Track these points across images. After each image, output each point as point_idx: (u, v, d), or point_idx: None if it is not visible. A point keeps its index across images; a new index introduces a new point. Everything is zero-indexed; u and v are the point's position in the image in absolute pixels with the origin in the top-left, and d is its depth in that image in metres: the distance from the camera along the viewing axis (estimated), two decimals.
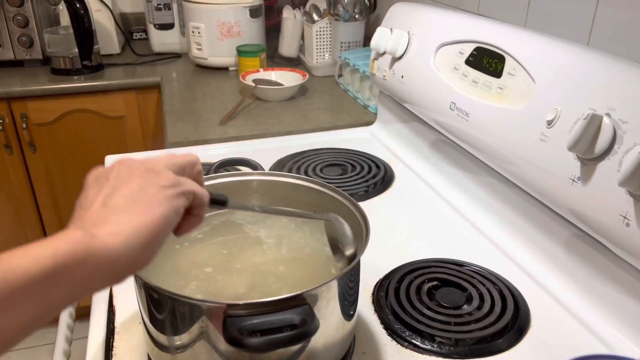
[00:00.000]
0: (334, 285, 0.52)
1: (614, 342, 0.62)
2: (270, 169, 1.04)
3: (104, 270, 0.35)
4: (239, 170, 0.95)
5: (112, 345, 0.61)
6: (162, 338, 0.52)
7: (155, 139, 1.73)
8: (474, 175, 0.90)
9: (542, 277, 0.73)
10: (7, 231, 1.73)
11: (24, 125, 1.57)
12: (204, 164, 1.03)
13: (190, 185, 0.42)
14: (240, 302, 0.46)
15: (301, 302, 0.47)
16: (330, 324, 0.53)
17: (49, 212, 1.74)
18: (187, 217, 0.43)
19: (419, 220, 0.89)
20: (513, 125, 0.73)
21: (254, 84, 1.39)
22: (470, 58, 0.84)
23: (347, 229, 0.57)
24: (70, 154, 1.67)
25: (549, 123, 0.66)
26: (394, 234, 0.85)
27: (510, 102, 0.74)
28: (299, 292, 0.47)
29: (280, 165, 1.05)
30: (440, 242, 0.83)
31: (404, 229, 0.87)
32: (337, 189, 0.65)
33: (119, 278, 0.37)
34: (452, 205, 0.92)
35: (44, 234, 1.78)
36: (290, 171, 1.02)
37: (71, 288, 0.33)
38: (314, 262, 0.63)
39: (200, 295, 0.56)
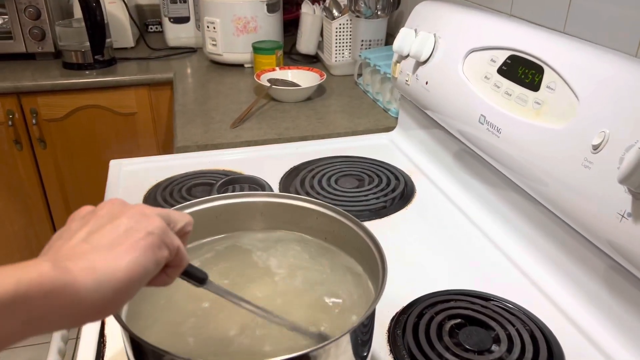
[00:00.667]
0: (345, 339, 0.45)
1: None
2: (282, 178, 0.98)
3: (66, 307, 0.32)
4: (243, 188, 0.90)
5: None
6: None
7: (168, 137, 1.68)
8: (503, 194, 0.82)
9: (576, 314, 0.66)
10: (17, 226, 1.70)
11: (34, 121, 1.53)
12: (210, 172, 0.96)
13: (177, 240, 0.38)
14: None
15: None
16: None
17: (59, 208, 1.71)
18: (159, 273, 0.39)
19: (441, 242, 0.82)
20: (552, 146, 0.65)
21: (269, 84, 1.32)
22: (503, 67, 0.76)
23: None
24: (80, 150, 1.63)
25: (595, 148, 0.58)
26: (414, 258, 0.78)
27: (549, 119, 0.66)
28: (301, 353, 0.41)
29: (294, 175, 0.99)
30: (465, 269, 0.75)
31: (425, 253, 0.79)
32: (353, 217, 0.58)
33: (79, 320, 0.33)
34: (478, 227, 0.84)
35: (54, 229, 1.75)
36: (303, 181, 0.96)
37: (25, 320, 0.30)
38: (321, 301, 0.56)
39: (192, 340, 0.49)
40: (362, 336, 0.50)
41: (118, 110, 1.60)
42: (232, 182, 0.85)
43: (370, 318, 0.51)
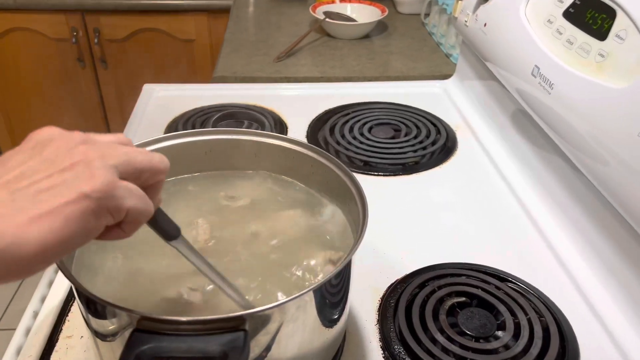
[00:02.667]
0: (305, 298, 0.39)
1: None
2: (312, 121, 0.91)
3: None
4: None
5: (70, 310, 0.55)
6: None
7: None
8: (554, 166, 0.71)
9: (611, 317, 0.56)
10: None
11: (96, 40, 1.55)
12: (238, 107, 0.91)
13: (126, 201, 0.30)
14: (156, 317, 0.35)
15: (236, 326, 0.36)
16: (299, 332, 0.42)
17: (118, 129, 1.75)
18: (112, 227, 0.31)
19: (472, 209, 0.72)
20: (609, 109, 0.53)
21: (322, 17, 1.23)
22: (570, 9, 0.63)
23: None
24: (139, 73, 1.64)
25: None
26: (437, 222, 0.70)
27: (612, 76, 0.54)
28: (235, 314, 0.36)
29: (325, 119, 0.91)
30: (491, 242, 0.66)
31: (451, 218, 0.71)
32: (331, 156, 0.52)
33: None
34: (518, 198, 0.74)
35: None
36: (333, 128, 0.88)
37: None
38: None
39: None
40: (330, 305, 0.45)
41: (177, 36, 1.58)
42: (230, 116, 0.81)
43: (342, 276, 0.45)
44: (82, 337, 0.51)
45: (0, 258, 0.26)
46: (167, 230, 0.37)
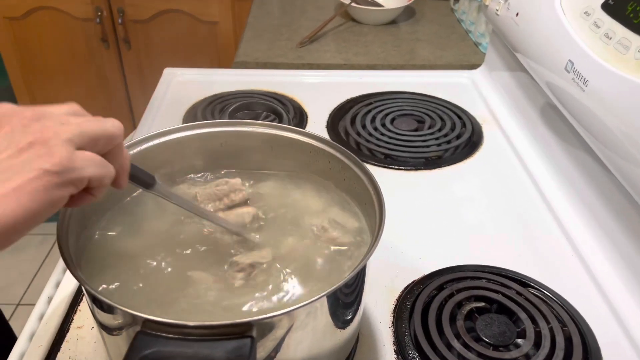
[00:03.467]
0: (316, 304, 0.38)
1: None
2: (333, 110, 0.89)
3: None
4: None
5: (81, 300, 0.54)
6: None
7: None
8: (585, 167, 0.67)
9: (637, 329, 0.53)
10: None
11: (120, 20, 1.54)
12: (258, 94, 0.90)
13: (85, 170, 0.32)
14: (161, 320, 0.34)
15: (243, 332, 0.34)
16: (309, 336, 0.41)
17: (141, 110, 1.75)
18: (81, 193, 0.34)
19: (496, 208, 0.70)
20: None
21: (347, 1, 1.20)
22: (610, 1, 0.59)
23: None
24: (162, 55, 1.63)
25: None
26: (458, 221, 0.67)
27: None
28: (242, 321, 0.34)
29: (347, 108, 0.89)
30: (514, 244, 0.64)
31: (472, 217, 0.68)
32: (349, 152, 0.50)
33: None
34: (546, 199, 0.71)
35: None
36: (355, 118, 0.86)
37: None
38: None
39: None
40: (343, 307, 0.43)
41: (200, 18, 1.57)
42: (247, 107, 0.79)
43: (356, 280, 0.43)
44: (92, 328, 0.51)
45: None
46: (144, 180, 0.41)
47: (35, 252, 1.81)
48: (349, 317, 0.45)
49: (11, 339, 0.72)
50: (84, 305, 0.54)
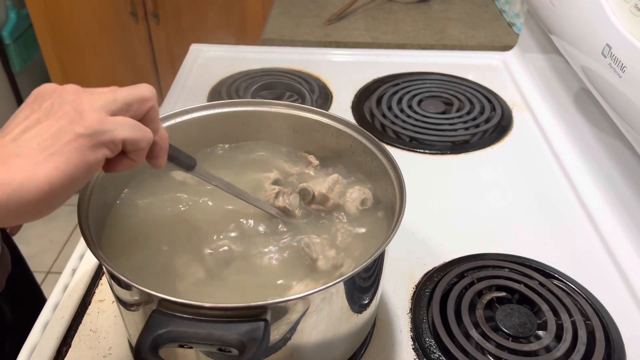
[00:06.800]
0: (332, 290, 0.38)
1: None
2: (359, 91, 0.87)
3: None
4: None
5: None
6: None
7: None
8: (618, 156, 0.65)
9: None
10: None
11: None
12: (283, 72, 0.88)
13: (119, 132, 0.34)
14: (176, 300, 0.34)
15: (258, 315, 0.34)
16: (324, 320, 0.41)
17: (169, 85, 1.76)
18: (120, 158, 0.35)
19: (522, 196, 0.68)
20: None
21: None
22: None
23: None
24: (191, 30, 1.62)
25: None
26: (483, 207, 0.66)
27: None
28: (257, 304, 0.34)
29: (373, 89, 0.87)
30: (539, 233, 0.62)
31: (499, 204, 0.67)
32: (371, 135, 0.49)
33: None
34: (575, 188, 0.68)
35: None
36: (380, 99, 0.84)
37: None
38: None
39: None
40: (361, 291, 0.43)
41: None
42: (270, 87, 0.79)
43: (374, 267, 0.43)
44: (113, 302, 0.52)
45: (13, 199, 0.30)
46: (185, 162, 0.42)
47: (65, 222, 1.85)
48: (366, 302, 0.45)
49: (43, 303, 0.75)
50: (105, 280, 0.55)
